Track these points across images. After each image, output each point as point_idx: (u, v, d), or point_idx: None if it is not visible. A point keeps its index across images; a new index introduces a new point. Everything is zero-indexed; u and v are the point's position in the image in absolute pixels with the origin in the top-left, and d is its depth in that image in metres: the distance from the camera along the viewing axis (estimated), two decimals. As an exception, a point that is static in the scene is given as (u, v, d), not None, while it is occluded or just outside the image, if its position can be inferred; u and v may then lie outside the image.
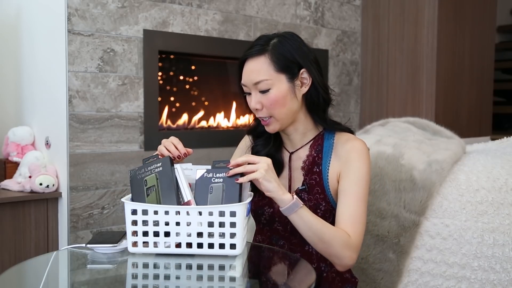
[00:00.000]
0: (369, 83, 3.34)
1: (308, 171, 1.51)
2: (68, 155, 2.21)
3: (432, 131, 2.08)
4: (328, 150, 1.51)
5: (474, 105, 3.41)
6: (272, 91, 1.44)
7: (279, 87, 1.44)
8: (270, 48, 1.45)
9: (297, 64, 1.46)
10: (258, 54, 1.45)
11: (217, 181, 1.36)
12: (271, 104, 1.44)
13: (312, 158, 1.52)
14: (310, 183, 1.50)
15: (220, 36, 2.66)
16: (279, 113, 1.46)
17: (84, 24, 2.23)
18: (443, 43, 3.11)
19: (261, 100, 1.45)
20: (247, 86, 1.47)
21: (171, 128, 2.63)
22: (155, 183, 1.37)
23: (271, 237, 1.56)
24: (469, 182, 1.73)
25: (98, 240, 1.52)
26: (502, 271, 1.64)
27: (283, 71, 1.45)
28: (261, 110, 1.46)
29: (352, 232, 1.41)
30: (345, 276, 1.55)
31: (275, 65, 1.44)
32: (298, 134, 1.54)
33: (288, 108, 1.46)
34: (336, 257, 1.40)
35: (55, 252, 1.62)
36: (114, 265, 1.48)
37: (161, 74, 2.60)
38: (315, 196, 1.49)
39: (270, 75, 1.44)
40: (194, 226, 1.32)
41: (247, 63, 1.46)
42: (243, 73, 1.48)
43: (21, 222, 2.18)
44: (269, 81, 1.43)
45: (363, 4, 3.35)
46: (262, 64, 1.44)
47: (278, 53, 1.45)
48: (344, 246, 1.39)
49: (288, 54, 1.45)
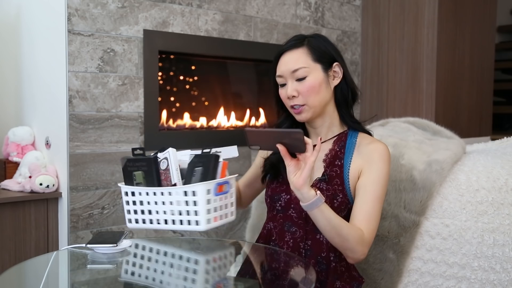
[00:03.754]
0: (369, 83, 3.34)
1: (330, 164, 1.58)
2: (68, 155, 2.21)
3: (432, 131, 2.08)
4: (350, 147, 1.59)
5: (474, 105, 3.41)
6: (309, 79, 1.55)
7: (315, 75, 1.55)
8: (306, 42, 1.58)
9: (331, 56, 1.58)
10: (296, 46, 1.58)
11: (199, 165, 1.55)
12: (307, 90, 1.54)
13: (335, 152, 1.59)
14: (330, 174, 1.57)
15: (220, 36, 2.66)
16: (313, 100, 1.55)
17: (84, 24, 2.23)
18: (443, 43, 3.11)
19: (297, 88, 1.55)
20: (284, 76, 1.58)
21: (171, 128, 2.63)
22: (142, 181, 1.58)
23: (284, 223, 1.59)
24: (469, 182, 1.73)
25: (98, 240, 1.52)
26: (502, 271, 1.64)
27: (319, 61, 1.56)
28: (297, 97, 1.56)
29: (366, 228, 1.48)
30: (353, 273, 1.59)
31: (312, 55, 1.56)
32: (325, 127, 1.62)
33: (322, 97, 1.57)
34: (350, 251, 1.47)
35: (55, 252, 1.62)
36: (114, 265, 1.48)
37: (161, 74, 2.60)
38: (333, 187, 1.55)
39: (308, 64, 1.55)
40: (167, 205, 1.52)
41: (285, 55, 1.59)
42: (280, 64, 1.59)
43: (21, 222, 2.18)
44: (307, 69, 1.55)
45: (363, 4, 3.35)
46: (301, 54, 1.56)
47: (315, 45, 1.57)
48: (358, 242, 1.45)
49: (323, 47, 1.58)
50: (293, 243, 1.55)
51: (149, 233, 2.43)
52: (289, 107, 1.60)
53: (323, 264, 1.53)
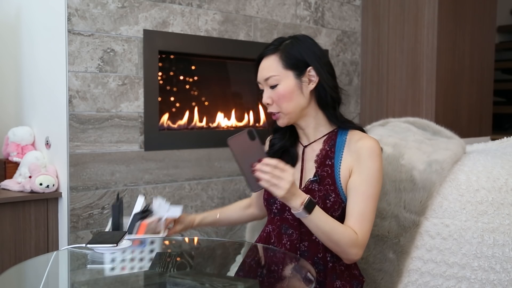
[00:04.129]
0: (369, 83, 3.34)
1: (321, 164, 1.59)
2: (68, 155, 2.21)
3: (432, 131, 2.08)
4: (340, 145, 1.59)
5: (474, 105, 3.41)
6: (280, 87, 1.56)
7: (286, 82, 1.56)
8: (281, 47, 1.58)
9: (305, 62, 1.57)
10: (271, 53, 1.59)
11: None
12: (279, 98, 1.56)
13: (325, 151, 1.60)
14: (321, 174, 1.57)
15: (220, 36, 2.66)
16: (286, 107, 1.57)
17: (84, 24, 2.23)
18: (443, 43, 3.11)
19: (271, 95, 1.58)
20: (261, 83, 1.61)
21: (171, 128, 2.63)
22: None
23: (281, 226, 1.59)
24: (469, 182, 1.73)
25: (98, 240, 1.52)
26: (502, 271, 1.63)
27: (290, 68, 1.57)
28: (272, 105, 1.59)
29: (359, 229, 1.49)
30: (354, 272, 1.59)
31: (283, 62, 1.57)
32: (311, 128, 1.63)
33: (295, 103, 1.57)
34: (343, 253, 1.49)
35: (55, 252, 1.62)
36: (114, 265, 1.48)
37: (161, 74, 2.60)
38: (325, 187, 1.55)
39: (279, 71, 1.56)
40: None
41: (261, 62, 1.61)
42: (258, 71, 1.62)
43: (21, 222, 2.18)
44: (277, 77, 1.56)
45: (363, 4, 3.35)
46: (273, 61, 1.58)
47: (288, 52, 1.57)
48: (351, 245, 1.47)
49: (297, 54, 1.57)
50: (290, 245, 1.56)
51: (149, 233, 2.43)
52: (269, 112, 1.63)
53: (320, 265, 1.54)
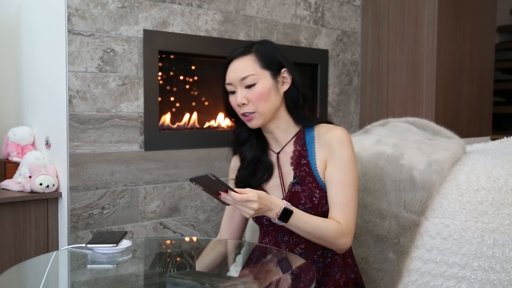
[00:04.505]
0: (369, 83, 3.34)
1: (297, 165, 1.60)
2: (68, 155, 2.21)
3: (432, 131, 2.08)
4: (310, 142, 1.61)
5: (474, 105, 3.41)
6: (258, 85, 1.56)
7: (264, 82, 1.56)
8: (254, 49, 1.59)
9: (279, 63, 1.59)
10: (244, 54, 1.58)
11: None
12: (256, 98, 1.55)
13: (298, 152, 1.61)
14: (300, 175, 1.58)
15: (220, 36, 2.66)
16: (263, 107, 1.56)
17: (84, 24, 2.23)
18: (443, 43, 3.11)
19: (246, 95, 1.56)
20: (233, 84, 1.58)
21: (171, 128, 2.63)
22: None
23: (277, 235, 1.60)
24: (469, 182, 1.73)
25: (98, 240, 1.52)
26: (502, 271, 1.63)
27: (267, 68, 1.57)
28: (247, 105, 1.57)
29: (343, 219, 1.52)
30: (347, 260, 1.63)
31: (260, 62, 1.57)
32: (281, 131, 1.63)
33: (272, 104, 1.57)
34: (332, 246, 1.53)
35: (55, 252, 1.62)
36: (114, 265, 1.48)
37: (161, 74, 2.60)
38: (308, 186, 1.57)
39: (256, 71, 1.56)
40: None
41: (233, 63, 1.59)
42: (228, 72, 1.60)
43: (21, 222, 2.18)
44: (255, 76, 1.56)
45: (363, 4, 3.35)
46: (248, 61, 1.57)
47: (262, 52, 1.58)
48: (337, 236, 1.50)
49: (270, 54, 1.59)
50: (288, 250, 1.57)
51: (149, 233, 2.43)
52: (240, 115, 1.61)
53: (320, 262, 1.56)
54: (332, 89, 3.17)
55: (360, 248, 1.84)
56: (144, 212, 2.42)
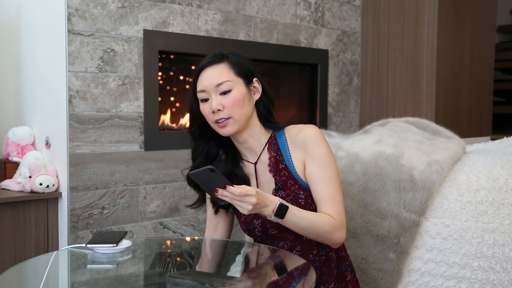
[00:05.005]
0: (369, 83, 3.34)
1: (276, 170, 1.60)
2: (68, 155, 2.21)
3: (432, 131, 2.08)
4: (284, 146, 1.61)
5: (474, 105, 3.41)
6: (234, 92, 1.56)
7: (239, 89, 1.57)
8: (226, 58, 1.60)
9: (250, 72, 1.60)
10: (217, 62, 1.59)
11: None
12: (232, 103, 1.55)
13: (274, 158, 1.61)
14: (281, 180, 1.59)
15: (220, 36, 2.66)
16: (238, 113, 1.55)
17: (84, 24, 2.23)
18: (443, 43, 3.11)
19: (221, 102, 1.55)
20: (207, 91, 1.57)
21: (171, 128, 2.63)
22: None
23: (272, 243, 1.63)
24: (469, 182, 1.73)
25: (98, 240, 1.52)
26: (502, 271, 1.63)
27: (241, 76, 1.58)
28: (222, 111, 1.55)
29: (334, 212, 1.53)
30: (341, 254, 1.63)
31: (234, 69, 1.58)
32: (255, 139, 1.63)
33: (246, 111, 1.58)
34: (328, 240, 1.54)
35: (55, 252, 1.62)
36: (114, 265, 1.48)
37: (161, 74, 2.60)
38: (291, 190, 1.57)
39: (231, 78, 1.57)
40: None
41: (206, 71, 1.58)
42: (201, 80, 1.58)
43: (21, 222, 2.18)
44: (231, 83, 1.56)
45: (363, 4, 3.35)
46: (223, 68, 1.58)
47: (235, 60, 1.59)
48: (332, 230, 1.51)
49: (242, 63, 1.60)
50: None
51: (149, 233, 2.43)
52: (212, 122, 1.57)
53: (316, 262, 1.56)
54: (332, 89, 3.18)
55: (360, 248, 1.84)
56: (144, 212, 2.42)
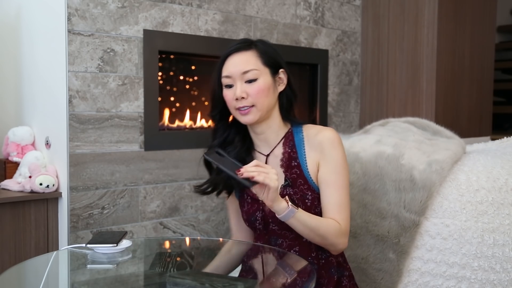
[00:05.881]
0: (369, 83, 3.34)
1: (288, 167, 1.59)
2: (68, 155, 2.21)
3: (432, 131, 2.08)
4: (300, 144, 1.60)
5: (474, 105, 3.41)
6: (260, 81, 1.55)
7: (265, 78, 1.56)
8: (254, 46, 1.59)
9: (277, 63, 1.60)
10: (245, 49, 1.58)
11: None
12: (257, 92, 1.54)
13: (288, 154, 1.60)
14: (292, 177, 1.57)
15: (220, 36, 2.66)
16: (262, 102, 1.55)
17: (84, 24, 2.23)
18: (443, 43, 3.11)
19: (246, 90, 1.55)
20: (232, 77, 1.56)
21: (171, 128, 2.63)
22: None
23: (270, 239, 1.59)
24: (469, 182, 1.73)
25: (98, 240, 1.52)
26: (502, 271, 1.63)
27: (268, 66, 1.57)
28: (246, 99, 1.55)
29: (341, 219, 1.52)
30: (339, 259, 1.62)
31: (261, 58, 1.57)
32: (272, 132, 1.62)
33: (269, 101, 1.57)
34: (331, 245, 1.53)
35: (55, 252, 1.62)
36: (114, 265, 1.48)
37: (161, 74, 2.60)
38: (299, 188, 1.56)
39: (258, 66, 1.56)
40: None
41: (233, 57, 1.57)
42: (227, 65, 1.58)
43: (21, 222, 2.18)
44: (257, 71, 1.55)
45: (363, 4, 3.35)
46: (251, 56, 1.57)
47: (263, 49, 1.58)
48: (337, 235, 1.50)
49: (270, 53, 1.59)
50: None
51: (149, 233, 2.43)
52: (234, 109, 1.57)
53: (314, 264, 1.55)
54: (332, 89, 3.17)
55: (360, 248, 1.84)
56: (144, 212, 2.42)
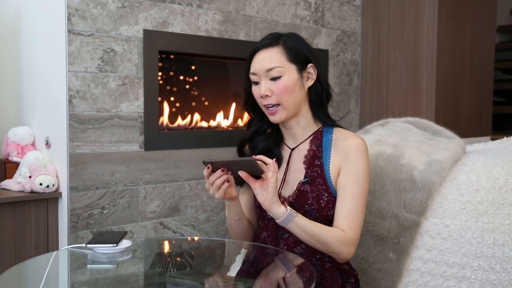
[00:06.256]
0: (369, 83, 3.34)
1: (310, 164, 1.58)
2: (68, 155, 2.21)
3: (432, 131, 2.08)
4: (327, 145, 1.59)
5: (474, 105, 3.41)
6: (284, 78, 1.53)
7: (290, 75, 1.54)
8: (281, 41, 1.56)
9: (306, 58, 1.57)
10: (271, 45, 1.56)
11: None
12: (281, 91, 1.53)
13: (313, 152, 1.59)
14: (312, 175, 1.56)
15: (220, 36, 2.66)
16: (287, 101, 1.54)
17: (84, 24, 2.23)
18: (443, 43, 3.11)
19: (271, 87, 1.54)
20: (258, 74, 1.56)
21: (171, 128, 2.63)
22: None
23: (277, 232, 1.58)
24: (469, 182, 1.73)
25: (98, 240, 1.52)
26: (502, 271, 1.64)
27: (294, 62, 1.55)
28: (270, 97, 1.54)
29: (348, 228, 1.49)
30: (343, 267, 1.60)
31: (287, 55, 1.54)
32: (300, 128, 1.61)
33: (296, 98, 1.55)
34: (334, 253, 1.51)
35: (55, 252, 1.62)
36: (114, 265, 1.48)
37: (161, 74, 2.60)
38: (317, 188, 1.55)
39: (283, 63, 1.54)
40: None
41: (259, 54, 1.57)
42: (254, 62, 1.57)
43: (21, 222, 2.18)
44: (282, 69, 1.53)
45: (363, 4, 3.35)
46: (276, 53, 1.55)
47: (290, 45, 1.56)
48: (340, 243, 1.48)
49: (298, 48, 1.56)
50: (287, 249, 1.56)
51: (149, 233, 2.43)
52: (262, 106, 1.58)
53: (318, 266, 1.54)
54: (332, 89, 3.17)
55: (360, 248, 1.84)
56: (144, 212, 2.42)
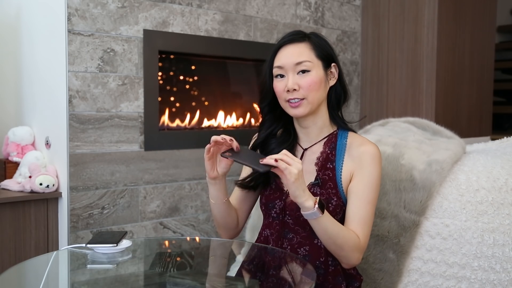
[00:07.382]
0: (369, 83, 3.34)
1: (322, 167, 1.57)
2: (68, 155, 2.21)
3: (432, 131, 2.08)
4: (341, 149, 1.58)
5: (474, 105, 3.41)
6: (312, 73, 1.53)
7: (317, 71, 1.54)
8: (308, 38, 1.57)
9: (330, 56, 1.58)
10: (299, 40, 1.56)
11: None
12: (309, 85, 1.52)
13: (326, 154, 1.58)
14: (323, 178, 1.55)
15: (220, 36, 2.66)
16: (313, 96, 1.53)
17: (84, 24, 2.23)
18: (443, 43, 3.11)
19: (298, 82, 1.53)
20: (284, 68, 1.55)
21: (171, 128, 2.63)
22: None
23: (281, 230, 1.57)
24: (469, 182, 1.73)
25: (98, 240, 1.52)
26: (502, 271, 1.63)
27: (321, 58, 1.56)
28: (297, 91, 1.53)
29: (362, 234, 1.49)
30: (349, 271, 1.58)
31: (315, 51, 1.55)
32: (316, 128, 1.60)
33: (320, 95, 1.55)
34: (344, 257, 1.49)
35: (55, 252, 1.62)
36: (114, 265, 1.48)
37: (161, 74, 2.60)
38: (327, 191, 1.54)
39: (312, 59, 1.54)
40: None
41: (286, 48, 1.56)
42: (280, 56, 1.56)
43: (21, 222, 2.18)
44: (311, 64, 1.53)
45: (363, 4, 3.35)
46: (305, 48, 1.55)
47: (317, 42, 1.57)
48: (354, 249, 1.47)
49: (324, 46, 1.57)
50: (290, 249, 1.54)
51: (149, 233, 2.43)
52: (284, 101, 1.55)
53: (321, 269, 1.52)
54: (332, 89, 3.18)
55: (361, 248, 1.84)
56: (144, 212, 2.42)
